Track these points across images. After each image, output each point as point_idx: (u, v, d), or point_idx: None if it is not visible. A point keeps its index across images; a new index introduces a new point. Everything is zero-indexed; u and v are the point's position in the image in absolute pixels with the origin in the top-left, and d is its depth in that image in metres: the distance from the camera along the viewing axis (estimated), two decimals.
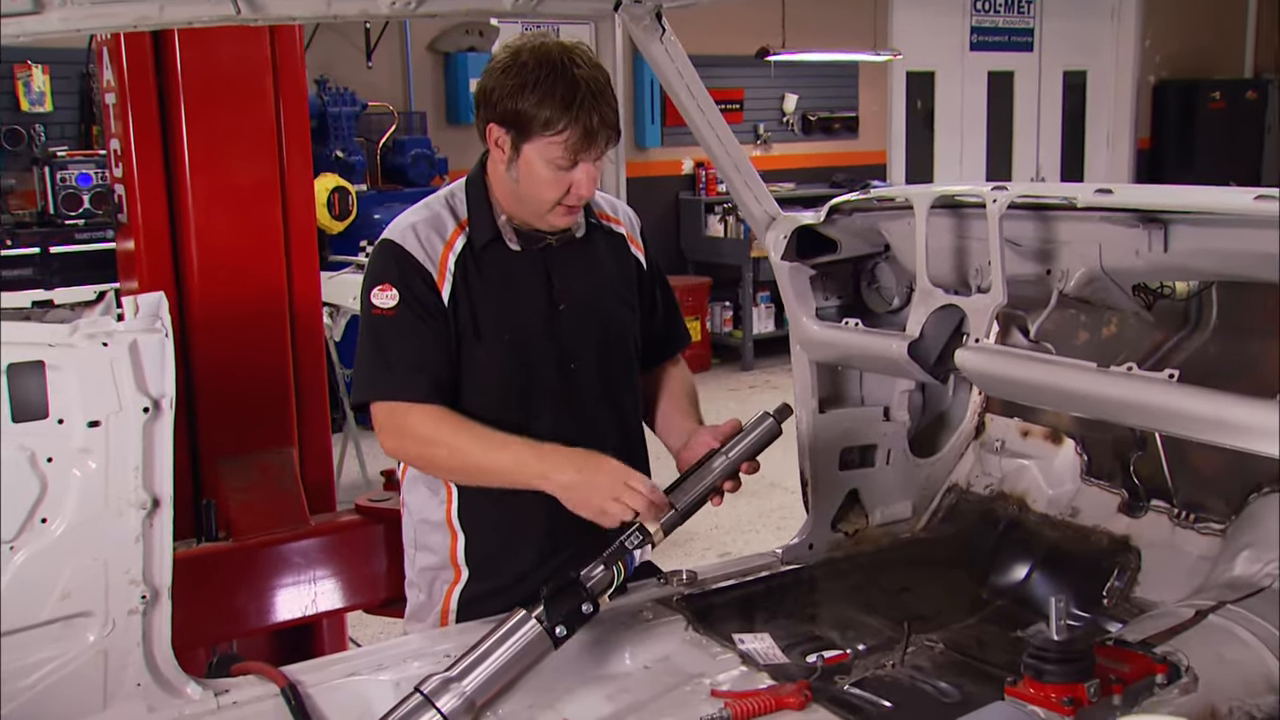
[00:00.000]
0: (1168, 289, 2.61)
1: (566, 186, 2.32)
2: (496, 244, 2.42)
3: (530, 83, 2.23)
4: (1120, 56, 13.91)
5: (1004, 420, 3.11)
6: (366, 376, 2.41)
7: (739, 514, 6.57)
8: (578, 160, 2.29)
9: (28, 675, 2.07)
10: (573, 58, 2.26)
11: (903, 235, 2.71)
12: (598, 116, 2.25)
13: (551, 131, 2.25)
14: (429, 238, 2.40)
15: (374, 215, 8.11)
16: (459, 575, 2.53)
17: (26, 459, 2.02)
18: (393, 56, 9.36)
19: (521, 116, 2.26)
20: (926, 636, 2.65)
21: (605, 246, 2.56)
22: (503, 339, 2.41)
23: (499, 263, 2.42)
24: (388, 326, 2.36)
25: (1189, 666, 2.08)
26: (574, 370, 2.46)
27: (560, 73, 2.24)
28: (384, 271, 2.38)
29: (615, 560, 2.26)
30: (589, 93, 2.24)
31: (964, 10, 12.79)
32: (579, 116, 2.23)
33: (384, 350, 2.37)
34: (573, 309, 2.46)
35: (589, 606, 2.24)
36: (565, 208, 2.36)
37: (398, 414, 2.37)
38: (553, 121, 2.24)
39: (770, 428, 2.41)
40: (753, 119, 11.35)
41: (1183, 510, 2.75)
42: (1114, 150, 14.17)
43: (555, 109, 2.23)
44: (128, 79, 3.11)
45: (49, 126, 7.94)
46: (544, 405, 2.44)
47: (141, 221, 3.16)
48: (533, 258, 2.44)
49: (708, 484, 2.37)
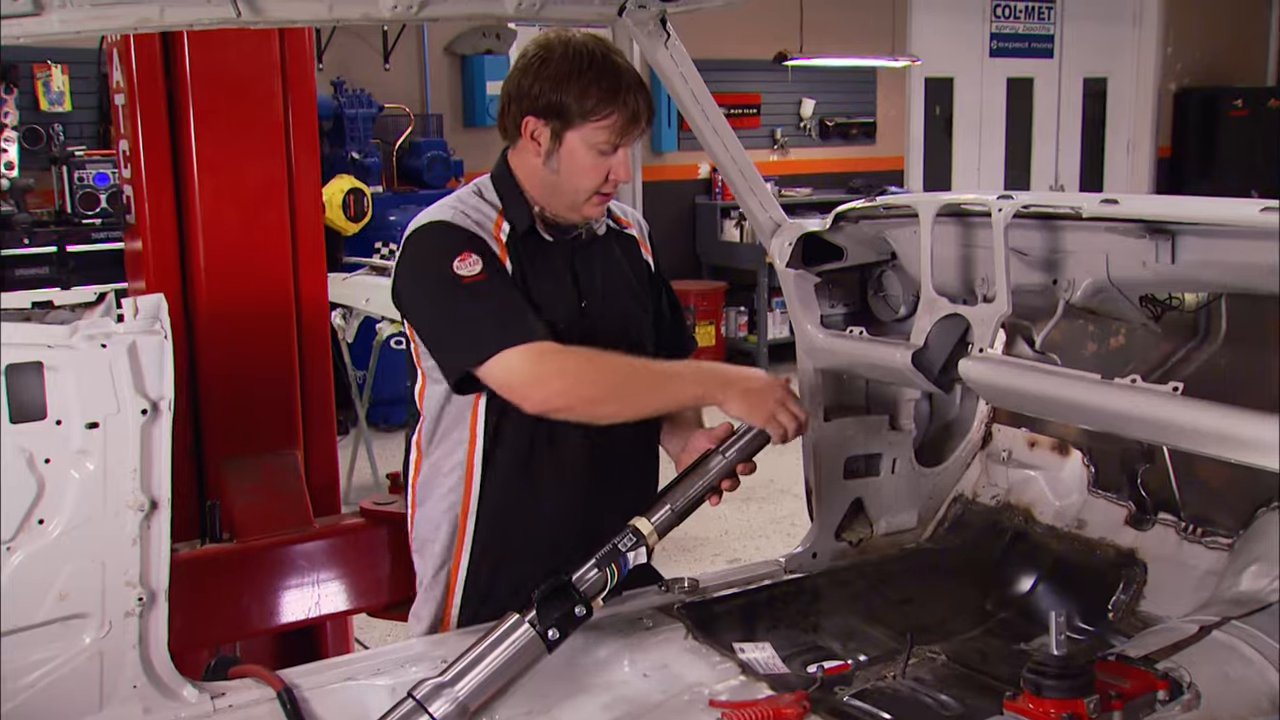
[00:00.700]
0: (1176, 300, 2.58)
1: (605, 172, 2.38)
2: (533, 234, 2.46)
3: (574, 71, 2.31)
4: (1141, 63, 13.83)
5: (1011, 430, 3.09)
6: (490, 330, 2.30)
7: (749, 520, 6.56)
8: (619, 145, 2.36)
9: (24, 676, 2.06)
10: (608, 48, 2.36)
11: (909, 243, 2.70)
12: (642, 100, 2.36)
13: (597, 117, 2.33)
14: (480, 220, 2.42)
15: (389, 217, 8.12)
16: (458, 568, 2.54)
17: (24, 460, 2.01)
18: (410, 59, 9.39)
19: (565, 105, 2.33)
20: (929, 648, 2.64)
21: (620, 248, 2.62)
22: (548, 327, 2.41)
23: (538, 251, 2.46)
24: (485, 288, 2.32)
25: (1191, 683, 2.06)
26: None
27: (602, 61, 2.33)
28: (453, 243, 2.35)
29: (609, 562, 2.25)
30: (631, 79, 2.34)
31: (984, 16, 12.74)
32: (626, 100, 2.33)
33: (499, 305, 2.32)
34: (595, 305, 2.50)
35: (582, 609, 2.22)
36: (600, 196, 2.42)
37: (536, 357, 2.28)
38: (600, 106, 2.32)
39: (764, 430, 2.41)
40: (770, 124, 11.32)
41: (1190, 524, 2.72)
42: (1134, 158, 14.09)
43: (603, 94, 2.31)
44: (137, 80, 3.11)
45: (68, 126, 7.99)
46: None
47: (149, 222, 3.17)
48: (562, 250, 2.49)
49: (704, 485, 2.36)
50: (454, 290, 2.31)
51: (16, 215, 7.60)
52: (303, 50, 3.29)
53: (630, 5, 2.47)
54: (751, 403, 2.31)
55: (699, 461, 2.39)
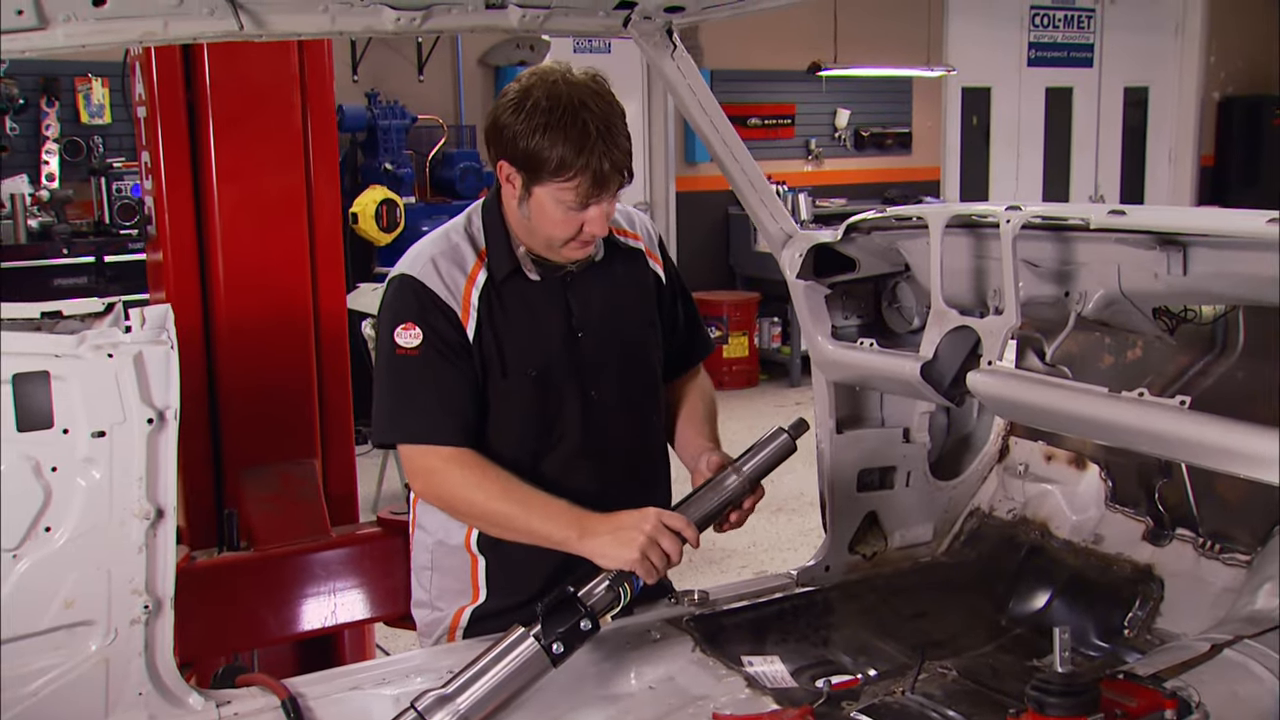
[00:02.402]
0: (1192, 313, 2.54)
1: (579, 225, 2.28)
2: (516, 276, 2.38)
3: (541, 126, 2.18)
4: (1184, 72, 13.67)
5: (1028, 444, 3.06)
6: (391, 417, 2.37)
7: (778, 532, 6.52)
8: (590, 203, 2.25)
9: (30, 682, 2.09)
10: (584, 99, 2.20)
11: (921, 254, 2.67)
12: (608, 162, 2.20)
13: (561, 178, 2.21)
14: (450, 273, 2.35)
15: (422, 227, 8.14)
16: (477, 595, 2.53)
17: (31, 468, 2.04)
18: (444, 70, 9.45)
19: (532, 159, 2.21)
20: (940, 663, 2.60)
21: (623, 266, 2.53)
22: (528, 374, 2.38)
23: (520, 295, 2.39)
24: (412, 367, 2.32)
25: (1200, 703, 2.02)
26: (594, 395, 2.44)
27: (572, 116, 2.17)
28: (404, 309, 2.33)
29: (621, 582, 2.24)
30: (599, 137, 2.18)
31: (1022, 25, 12.65)
32: (589, 163, 2.18)
33: (409, 391, 2.34)
34: (591, 334, 2.43)
35: (588, 624, 2.21)
36: (579, 243, 2.33)
37: (427, 457, 2.35)
38: (563, 168, 2.19)
39: (785, 444, 2.40)
40: (804, 134, 11.29)
41: (1208, 540, 2.67)
42: (1176, 168, 13.92)
43: (566, 155, 2.18)
44: (158, 93, 3.15)
45: (107, 138, 8.12)
46: (565, 431, 2.43)
47: (169, 233, 3.20)
48: (552, 286, 2.41)
49: (719, 502, 2.36)
50: (388, 358, 2.35)
51: (56, 226, 7.73)
52: (322, 63, 3.32)
53: (635, 17, 2.46)
54: (620, 541, 2.23)
55: (715, 477, 2.38)
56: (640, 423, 2.54)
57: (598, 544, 2.26)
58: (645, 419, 2.56)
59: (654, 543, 2.24)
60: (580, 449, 2.43)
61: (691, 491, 2.40)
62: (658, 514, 2.28)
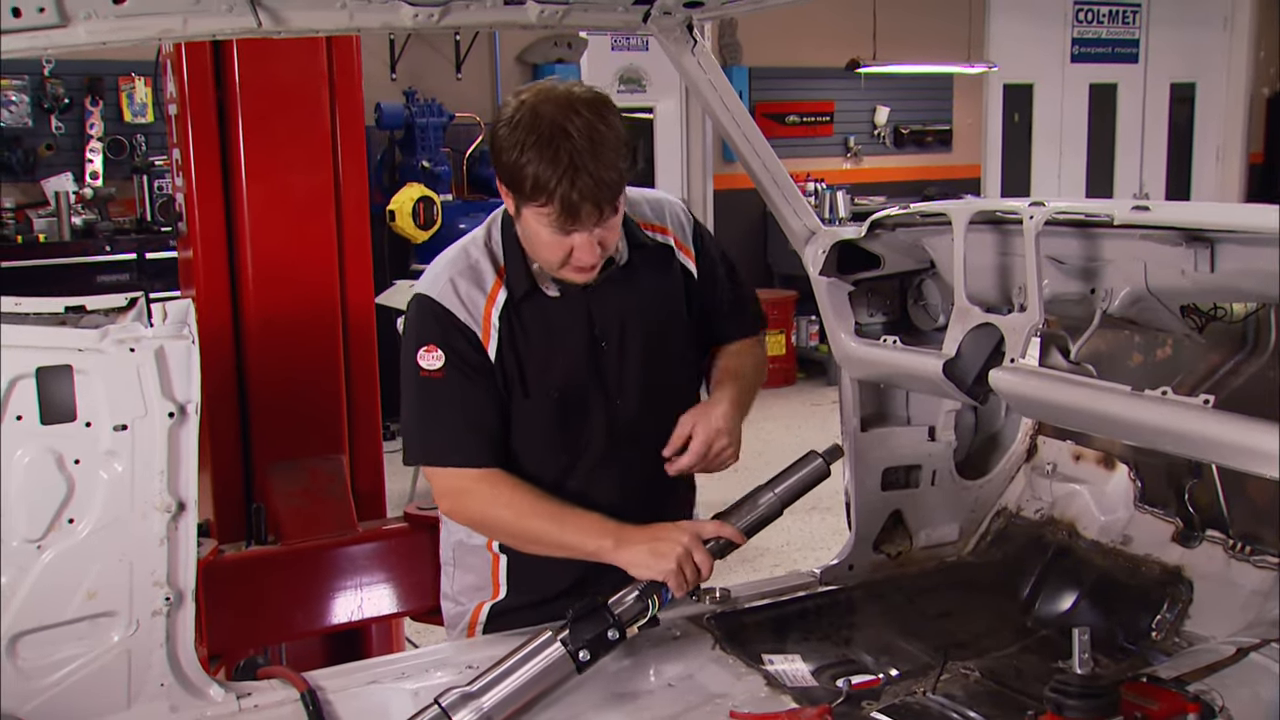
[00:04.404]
0: (1222, 311, 2.50)
1: (568, 250, 2.20)
2: (535, 294, 2.34)
3: (520, 144, 2.10)
4: (1233, 68, 13.48)
5: (1056, 443, 3.02)
6: (419, 439, 2.38)
7: (811, 531, 6.49)
8: (572, 230, 2.16)
9: (53, 672, 2.12)
10: (566, 123, 2.09)
11: (946, 251, 2.65)
12: (577, 191, 2.08)
13: (535, 203, 2.13)
14: (470, 294, 2.31)
15: (459, 225, 8.20)
16: (497, 592, 2.54)
17: (54, 460, 2.06)
18: (482, 68, 9.49)
19: (513, 178, 2.14)
20: (964, 664, 2.58)
21: (649, 266, 2.44)
22: (551, 394, 2.36)
23: (540, 312, 2.35)
24: (436, 389, 2.31)
25: (1223, 707, 1.99)
26: (619, 403, 2.42)
27: (548, 139, 2.08)
28: (426, 331, 2.31)
29: (650, 594, 2.26)
30: (571, 165, 2.07)
31: (1065, 21, 12.52)
32: (557, 190, 2.08)
33: (436, 414, 2.33)
34: (614, 343, 2.39)
35: (615, 633, 2.23)
36: (573, 268, 2.24)
37: (454, 479, 2.35)
38: (537, 191, 2.11)
39: (819, 468, 2.42)
40: (843, 131, 11.25)
41: (1238, 541, 2.63)
42: (1224, 166, 13.73)
43: (539, 179, 2.09)
44: (188, 91, 3.18)
45: (149, 137, 8.22)
46: (590, 442, 2.42)
47: (199, 230, 3.23)
48: (573, 299, 2.36)
49: (750, 520, 2.38)
50: (413, 381, 2.33)
51: (100, 223, 7.85)
52: (350, 60, 3.34)
53: (655, 12, 2.44)
54: (657, 552, 2.25)
55: (748, 496, 2.39)
56: (667, 425, 2.48)
57: (633, 554, 2.27)
58: (672, 421, 2.50)
59: (689, 555, 2.26)
60: (604, 458, 2.42)
61: (727, 508, 2.41)
62: (694, 526, 2.31)
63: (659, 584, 2.26)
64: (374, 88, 3.44)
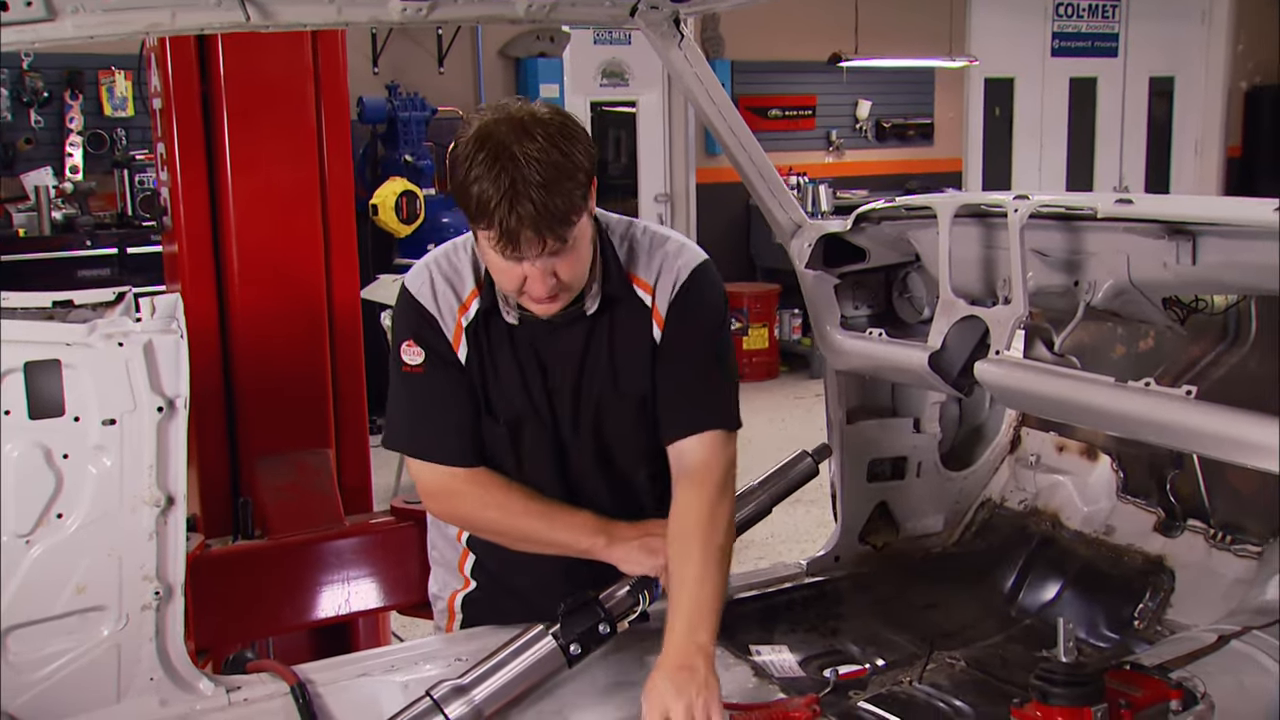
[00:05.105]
0: (1203, 303, 2.53)
1: (520, 279, 2.07)
2: (496, 315, 2.26)
3: (469, 162, 1.98)
4: (1211, 62, 13.53)
5: (1040, 435, 3.05)
6: (403, 429, 2.35)
7: (796, 523, 6.51)
8: (520, 258, 2.03)
9: (43, 667, 2.11)
10: (513, 146, 1.96)
11: (931, 244, 2.66)
12: (515, 216, 1.94)
13: (480, 224, 2.01)
14: (445, 296, 2.27)
15: (442, 219, 8.20)
16: (468, 583, 2.56)
17: (43, 455, 2.06)
18: (464, 62, 9.47)
19: (462, 198, 2.03)
20: (949, 654, 2.61)
21: (622, 320, 2.27)
22: (501, 417, 2.31)
23: (501, 333, 2.27)
24: (419, 385, 2.30)
25: (1205, 693, 2.02)
26: (571, 455, 2.34)
27: (493, 160, 1.95)
28: (406, 326, 2.30)
29: (641, 589, 2.27)
30: (513, 189, 1.94)
31: (1045, 15, 12.57)
32: (496, 214, 1.95)
33: (419, 408, 2.32)
34: (567, 386, 2.28)
35: (606, 628, 2.24)
36: (530, 298, 2.12)
37: (441, 478, 2.33)
38: (479, 215, 1.99)
39: (808, 467, 2.47)
40: (825, 125, 11.27)
41: (1219, 531, 2.66)
42: (1202, 159, 13.79)
43: (480, 202, 1.97)
44: (173, 85, 3.17)
45: (130, 131, 8.18)
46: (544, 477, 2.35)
47: (184, 224, 3.23)
48: (530, 333, 2.25)
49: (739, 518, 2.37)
50: (397, 374, 2.32)
51: (80, 218, 7.81)
52: (335, 54, 3.33)
53: (642, 6, 2.45)
54: (648, 548, 2.25)
55: (739, 495, 2.39)
56: (622, 489, 2.39)
57: (625, 550, 2.28)
58: (628, 484, 2.40)
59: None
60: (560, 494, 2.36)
61: None
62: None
63: (650, 580, 2.27)
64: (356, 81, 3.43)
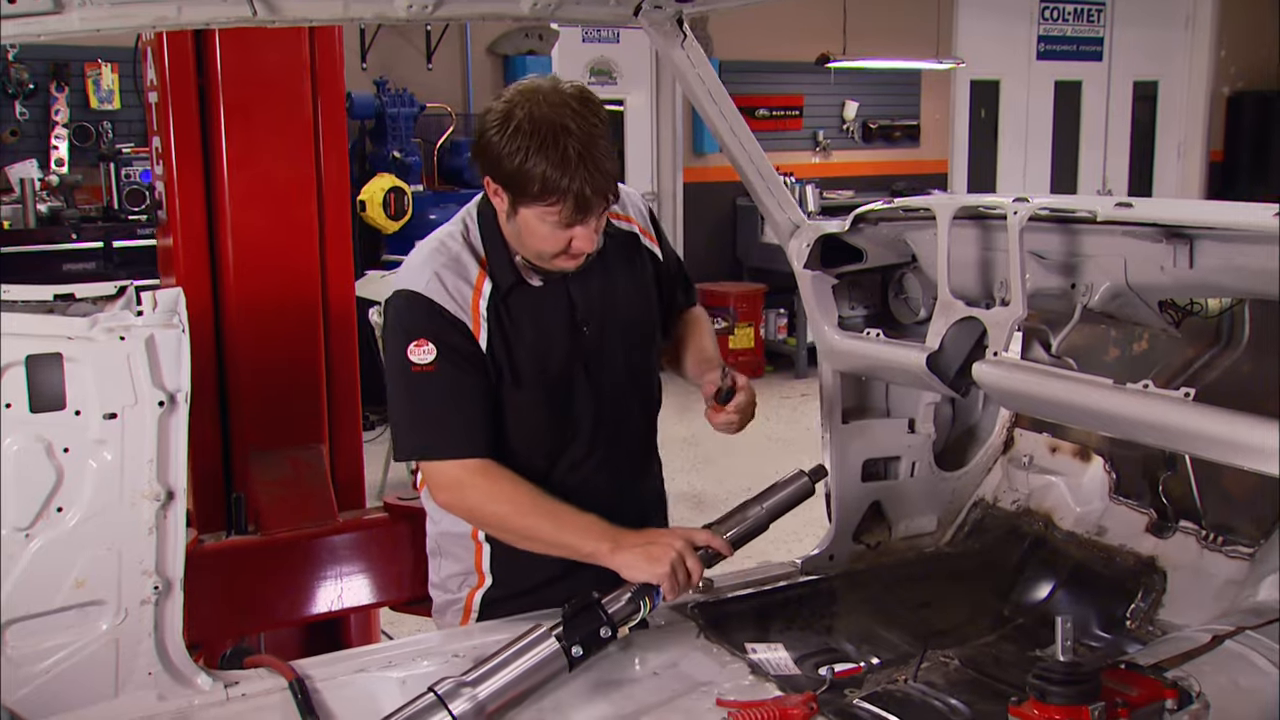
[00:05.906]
0: (1198, 306, 2.55)
1: (567, 241, 2.27)
2: (521, 285, 2.40)
3: (523, 149, 2.15)
4: (1194, 66, 13.63)
5: (1033, 436, 3.07)
6: (412, 434, 2.39)
7: (784, 522, 6.51)
8: (575, 223, 2.24)
9: (41, 660, 2.11)
10: (566, 121, 2.16)
11: (929, 246, 2.69)
12: (590, 187, 2.17)
13: (544, 203, 2.20)
14: (457, 286, 2.34)
15: (430, 215, 8.18)
16: (483, 580, 2.56)
17: (43, 449, 2.06)
18: (453, 59, 9.45)
19: (516, 181, 2.20)
20: (943, 652, 2.62)
21: (620, 252, 2.53)
22: (541, 381, 2.41)
23: (526, 301, 2.40)
24: (429, 383, 2.33)
25: (1200, 692, 2.03)
26: (603, 383, 2.48)
27: (553, 140, 2.14)
28: (415, 326, 2.33)
29: (643, 595, 2.29)
30: (580, 162, 2.15)
31: (1031, 18, 12.63)
32: (570, 189, 2.16)
33: (429, 408, 2.35)
34: (595, 325, 2.46)
35: (608, 632, 2.25)
36: (568, 256, 2.32)
37: (452, 470, 2.37)
38: (545, 193, 2.18)
39: (804, 486, 2.49)
40: (812, 126, 11.29)
41: (1211, 532, 2.69)
42: (1185, 163, 13.90)
43: (548, 181, 2.16)
44: (169, 78, 3.16)
45: (116, 124, 8.14)
46: (578, 425, 2.47)
47: (179, 218, 3.22)
48: (554, 286, 2.42)
49: (737, 532, 2.42)
50: (403, 377, 2.34)
51: (65, 211, 7.76)
52: (332, 49, 3.33)
53: (646, 5, 2.46)
54: (652, 556, 2.28)
55: (737, 509, 2.44)
56: (645, 401, 2.60)
57: (629, 557, 2.30)
58: (648, 396, 2.61)
59: (682, 560, 2.29)
60: (592, 439, 2.48)
61: (717, 519, 2.45)
62: (686, 534, 2.35)
63: (652, 587, 2.28)
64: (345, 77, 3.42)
